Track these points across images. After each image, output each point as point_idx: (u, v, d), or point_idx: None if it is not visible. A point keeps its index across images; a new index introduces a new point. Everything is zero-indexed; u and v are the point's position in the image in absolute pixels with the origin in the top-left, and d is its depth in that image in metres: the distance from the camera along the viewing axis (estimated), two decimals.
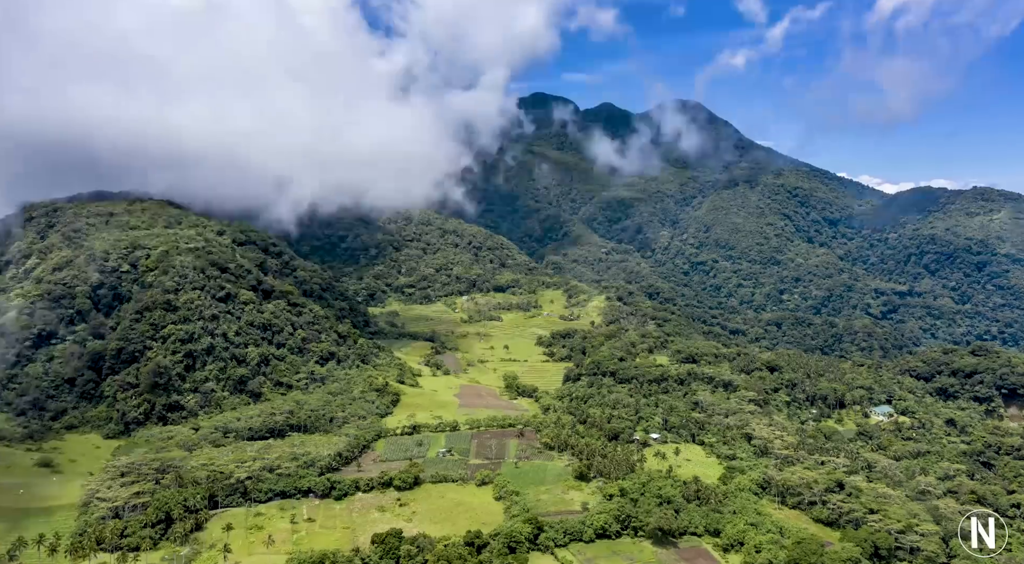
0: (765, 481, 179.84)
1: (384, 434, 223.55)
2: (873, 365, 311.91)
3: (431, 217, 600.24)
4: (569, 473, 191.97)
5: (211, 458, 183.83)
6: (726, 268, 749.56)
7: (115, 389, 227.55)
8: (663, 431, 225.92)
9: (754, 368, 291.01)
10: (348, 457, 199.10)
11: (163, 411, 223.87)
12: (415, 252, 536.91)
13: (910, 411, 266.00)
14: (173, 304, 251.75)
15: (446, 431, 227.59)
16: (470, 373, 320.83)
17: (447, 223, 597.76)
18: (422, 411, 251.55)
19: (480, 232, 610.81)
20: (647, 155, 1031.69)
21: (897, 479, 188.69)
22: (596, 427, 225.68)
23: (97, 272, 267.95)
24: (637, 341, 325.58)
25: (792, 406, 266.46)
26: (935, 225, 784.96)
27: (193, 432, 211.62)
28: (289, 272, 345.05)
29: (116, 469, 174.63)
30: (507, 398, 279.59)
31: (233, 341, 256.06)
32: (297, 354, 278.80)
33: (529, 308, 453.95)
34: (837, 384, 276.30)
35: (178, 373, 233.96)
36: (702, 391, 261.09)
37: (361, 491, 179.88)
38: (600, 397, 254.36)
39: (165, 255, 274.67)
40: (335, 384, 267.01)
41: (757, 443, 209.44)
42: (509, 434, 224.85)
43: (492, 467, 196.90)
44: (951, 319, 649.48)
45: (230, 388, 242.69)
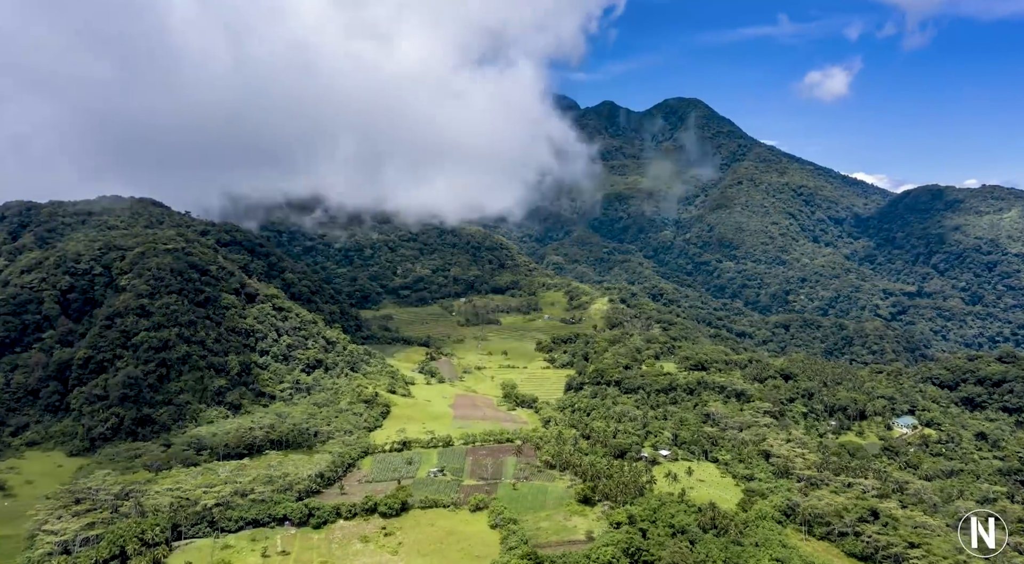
0: (789, 507, 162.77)
1: (372, 450, 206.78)
2: (893, 372, 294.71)
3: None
4: (572, 496, 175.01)
5: (177, 482, 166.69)
6: (730, 268, 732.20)
7: (81, 402, 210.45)
8: (673, 447, 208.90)
9: (767, 376, 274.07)
10: (331, 478, 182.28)
11: (132, 426, 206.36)
12: (411, 253, 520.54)
13: (935, 423, 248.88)
14: (147, 309, 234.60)
15: (439, 447, 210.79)
16: (466, 381, 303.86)
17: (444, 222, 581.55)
18: (414, 424, 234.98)
19: (479, 232, 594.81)
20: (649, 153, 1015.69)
21: (932, 503, 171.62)
22: (601, 443, 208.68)
23: (67, 275, 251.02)
24: (642, 346, 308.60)
25: (809, 418, 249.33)
26: (944, 224, 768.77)
27: (163, 449, 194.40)
28: (276, 274, 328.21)
29: (71, 495, 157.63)
30: (505, 409, 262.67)
31: (212, 349, 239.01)
32: (281, 362, 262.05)
33: (529, 311, 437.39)
34: (857, 394, 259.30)
35: (150, 384, 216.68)
36: (713, 402, 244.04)
37: (343, 518, 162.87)
38: (604, 409, 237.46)
39: (140, 257, 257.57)
40: (321, 394, 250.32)
41: (776, 461, 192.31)
42: (507, 450, 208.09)
43: (488, 489, 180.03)
44: (962, 320, 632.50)
45: (207, 400, 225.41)
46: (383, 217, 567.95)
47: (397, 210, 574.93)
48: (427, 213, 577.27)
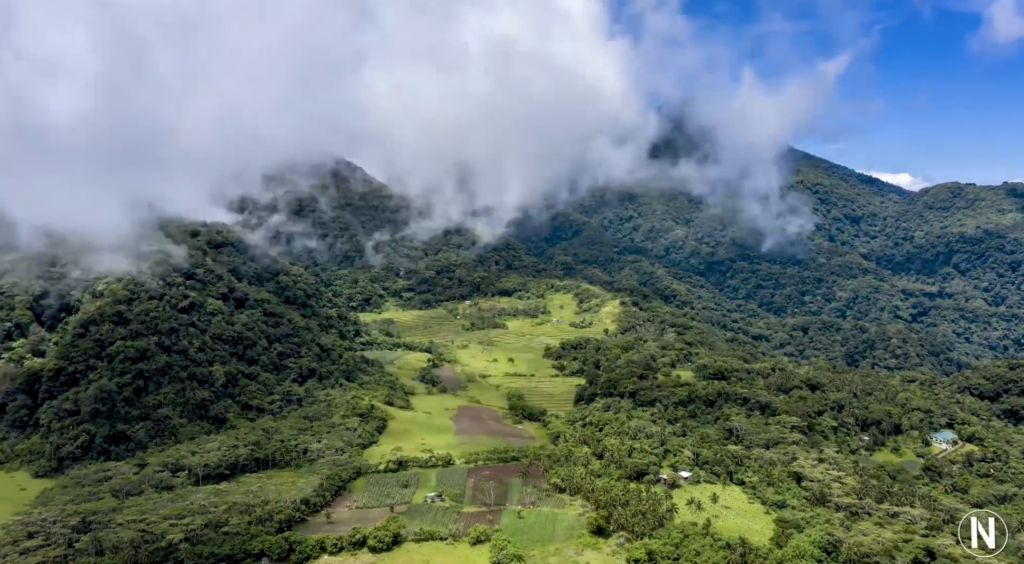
0: (831, 543, 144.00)
1: (364, 471, 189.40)
2: (926, 382, 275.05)
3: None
4: (584, 525, 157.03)
5: (144, 512, 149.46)
6: (744, 268, 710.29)
7: (50, 417, 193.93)
8: (694, 468, 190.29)
9: (792, 386, 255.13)
10: (317, 504, 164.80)
11: (104, 444, 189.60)
12: (415, 253, 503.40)
13: (977, 438, 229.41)
14: (124, 316, 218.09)
15: (438, 467, 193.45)
16: (469, 390, 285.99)
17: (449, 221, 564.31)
18: (412, 439, 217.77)
19: (484, 230, 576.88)
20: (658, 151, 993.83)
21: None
22: (615, 463, 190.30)
23: (42, 279, 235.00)
24: (657, 353, 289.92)
25: (840, 432, 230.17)
26: (964, 222, 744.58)
27: (136, 470, 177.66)
28: (270, 277, 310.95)
29: (23, 528, 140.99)
30: (511, 422, 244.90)
31: (195, 359, 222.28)
32: (271, 372, 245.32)
33: (537, 314, 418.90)
34: (891, 406, 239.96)
35: (125, 398, 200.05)
36: (736, 415, 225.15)
37: (327, 553, 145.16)
38: (618, 424, 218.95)
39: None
40: (313, 407, 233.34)
41: (811, 486, 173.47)
42: (512, 471, 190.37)
43: (491, 517, 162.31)
44: (986, 322, 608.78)
45: (188, 414, 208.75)
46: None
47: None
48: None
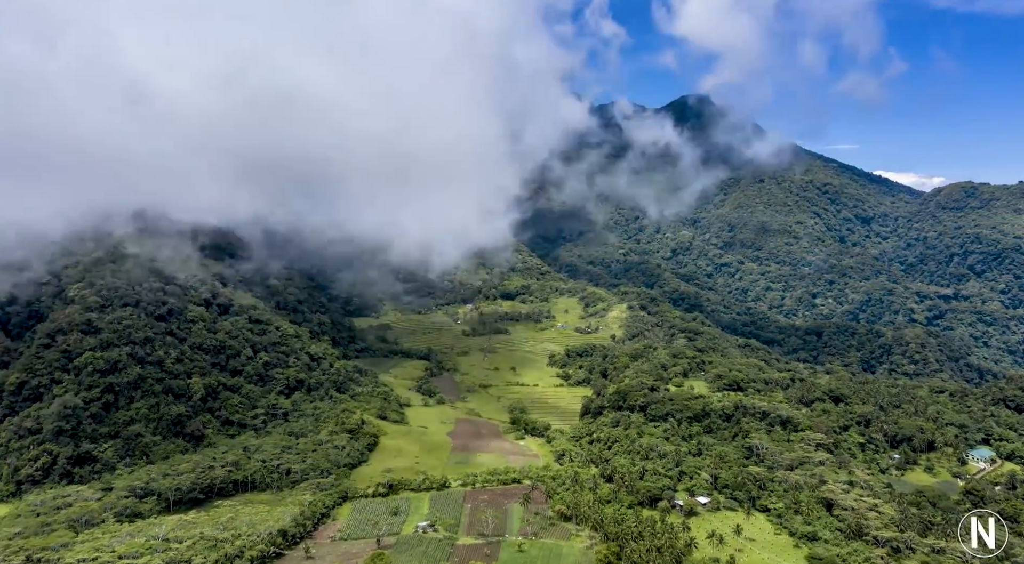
0: None
1: (351, 495, 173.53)
2: (957, 392, 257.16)
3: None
4: (592, 561, 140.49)
5: (97, 548, 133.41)
6: (753, 270, 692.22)
7: (10, 436, 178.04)
8: (713, 492, 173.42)
9: (814, 398, 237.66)
10: (296, 535, 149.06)
11: (68, 465, 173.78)
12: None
13: (1017, 456, 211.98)
14: (94, 325, 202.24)
15: (432, 490, 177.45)
16: (469, 402, 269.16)
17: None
18: (405, 458, 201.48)
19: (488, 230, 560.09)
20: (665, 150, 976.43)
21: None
22: (625, 486, 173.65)
23: (10, 284, 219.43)
24: (668, 362, 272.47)
25: (868, 449, 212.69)
26: (979, 223, 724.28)
27: (100, 496, 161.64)
28: (260, 280, 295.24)
29: None
30: (512, 437, 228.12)
31: (171, 370, 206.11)
32: (256, 383, 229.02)
33: (541, 318, 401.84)
34: (923, 421, 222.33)
35: (92, 414, 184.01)
36: (755, 431, 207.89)
37: None
38: (628, 441, 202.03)
39: (95, 264, 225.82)
40: (300, 421, 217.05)
41: (845, 516, 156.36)
42: (512, 495, 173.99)
43: (488, 550, 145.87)
44: (1004, 325, 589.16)
45: (162, 431, 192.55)
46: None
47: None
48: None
